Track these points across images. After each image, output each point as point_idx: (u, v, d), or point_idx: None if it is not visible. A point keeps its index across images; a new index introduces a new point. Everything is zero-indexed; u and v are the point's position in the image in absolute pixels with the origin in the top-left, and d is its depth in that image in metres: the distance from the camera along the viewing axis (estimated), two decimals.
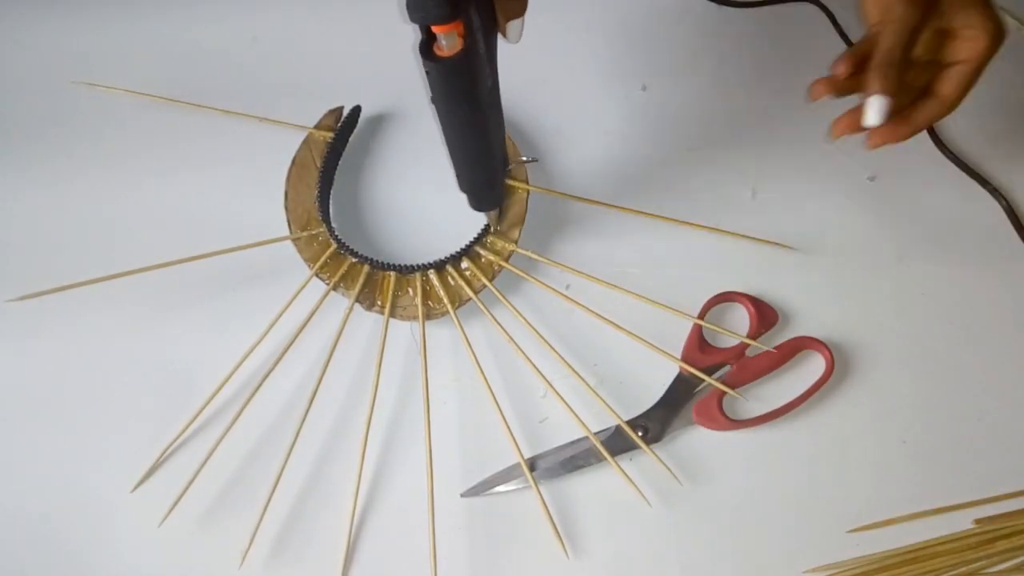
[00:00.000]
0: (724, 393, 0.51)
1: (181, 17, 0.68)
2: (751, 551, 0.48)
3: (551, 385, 0.50)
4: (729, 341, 0.53)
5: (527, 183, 0.57)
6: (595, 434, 0.49)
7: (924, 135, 0.62)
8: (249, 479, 0.49)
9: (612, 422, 0.50)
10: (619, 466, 0.48)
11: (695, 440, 0.51)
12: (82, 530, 0.49)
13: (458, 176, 0.49)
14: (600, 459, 0.49)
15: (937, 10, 0.44)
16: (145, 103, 0.61)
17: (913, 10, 0.43)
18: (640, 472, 0.49)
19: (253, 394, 0.49)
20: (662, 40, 0.68)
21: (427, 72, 0.38)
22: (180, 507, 0.48)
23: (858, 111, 0.44)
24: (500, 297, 0.53)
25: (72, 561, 0.48)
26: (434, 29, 0.36)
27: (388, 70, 0.64)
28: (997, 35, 0.44)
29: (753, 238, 0.56)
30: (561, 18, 0.68)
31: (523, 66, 0.59)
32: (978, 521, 0.48)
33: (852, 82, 0.44)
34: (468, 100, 0.41)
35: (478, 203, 0.52)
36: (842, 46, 0.66)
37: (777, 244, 0.56)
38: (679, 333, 0.53)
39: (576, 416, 0.49)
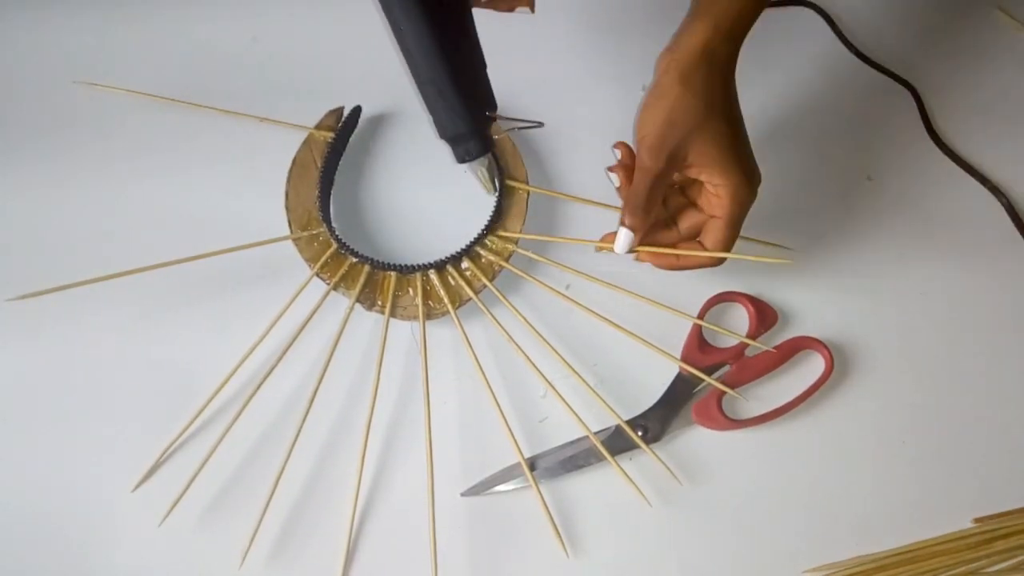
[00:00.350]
0: (724, 393, 0.51)
1: (181, 17, 0.68)
2: (751, 551, 0.48)
3: (551, 385, 0.50)
4: (729, 341, 0.53)
5: (527, 183, 0.57)
6: (595, 434, 0.49)
7: (923, 133, 0.62)
8: (250, 479, 0.49)
9: (612, 422, 0.50)
10: (619, 466, 0.48)
11: (695, 440, 0.51)
12: (83, 530, 0.49)
13: (433, 115, 0.46)
14: (600, 459, 0.49)
15: (684, 161, 0.45)
16: (145, 103, 0.61)
17: (654, 162, 0.45)
18: (640, 472, 0.49)
19: (254, 394, 0.49)
20: (662, 40, 0.67)
21: None
22: (181, 507, 0.48)
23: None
24: (500, 297, 0.53)
25: (73, 561, 0.48)
26: None
27: (388, 70, 0.64)
28: (739, 196, 0.46)
29: (753, 239, 0.56)
30: (561, 18, 0.68)
31: (523, 66, 0.59)
32: (978, 520, 0.48)
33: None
34: (430, 11, 0.40)
35: (459, 149, 0.48)
36: (841, 49, 0.66)
37: (777, 245, 0.56)
38: (679, 333, 0.53)
39: (576, 416, 0.49)
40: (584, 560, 0.48)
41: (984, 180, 0.59)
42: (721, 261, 0.49)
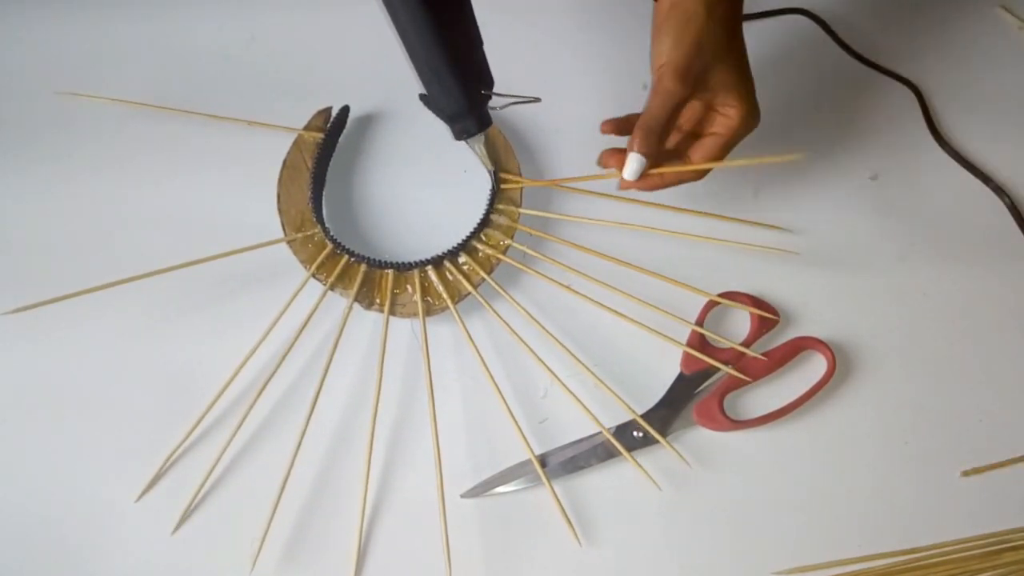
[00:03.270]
0: (725, 394, 0.50)
1: (169, 22, 0.67)
2: (752, 552, 0.47)
3: (557, 377, 0.50)
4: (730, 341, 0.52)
5: (520, 176, 0.57)
6: (596, 434, 0.48)
7: (925, 133, 0.61)
8: (256, 483, 0.49)
9: (612, 421, 0.50)
10: (632, 456, 0.48)
11: (696, 441, 0.50)
12: (88, 539, 0.48)
13: (430, 95, 0.47)
14: (601, 459, 0.49)
15: (705, 86, 0.46)
16: (131, 110, 0.60)
17: (680, 86, 0.45)
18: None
19: (256, 398, 0.49)
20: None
21: None
22: (187, 512, 0.47)
23: (624, 153, 0.47)
24: (500, 290, 0.53)
25: (78, 571, 0.47)
26: None
27: (376, 70, 0.63)
28: (748, 120, 0.48)
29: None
30: (562, 18, 0.68)
31: (524, 65, 0.59)
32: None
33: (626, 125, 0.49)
34: None
35: (456, 127, 0.50)
36: (840, 53, 0.66)
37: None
38: (681, 332, 0.53)
39: (586, 408, 0.48)
40: (593, 554, 0.47)
41: (987, 179, 0.59)
42: (705, 174, 0.50)
